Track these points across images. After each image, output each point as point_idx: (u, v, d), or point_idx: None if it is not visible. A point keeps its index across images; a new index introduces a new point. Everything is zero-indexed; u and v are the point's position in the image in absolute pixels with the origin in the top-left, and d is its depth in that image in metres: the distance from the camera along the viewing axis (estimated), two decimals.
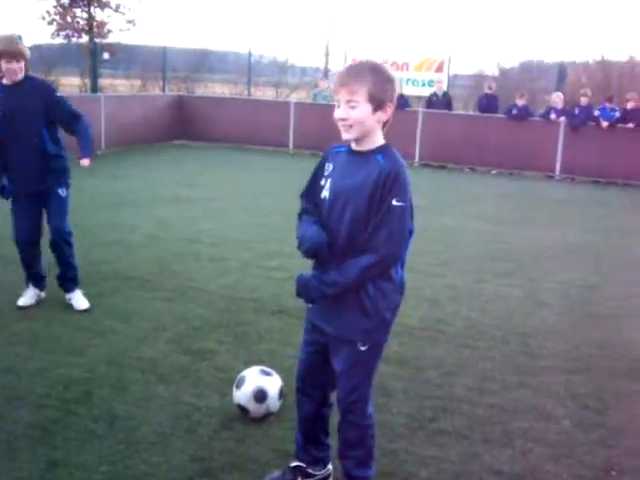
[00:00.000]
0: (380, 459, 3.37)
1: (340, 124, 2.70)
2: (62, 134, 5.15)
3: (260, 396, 3.62)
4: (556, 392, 4.23)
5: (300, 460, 3.13)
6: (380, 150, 2.72)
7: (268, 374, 3.73)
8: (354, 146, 2.77)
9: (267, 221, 8.56)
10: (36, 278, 5.37)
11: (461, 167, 14.85)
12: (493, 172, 14.65)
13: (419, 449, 3.50)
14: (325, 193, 2.79)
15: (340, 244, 2.74)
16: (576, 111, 13.97)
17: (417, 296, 5.89)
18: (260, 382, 3.66)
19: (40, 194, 5.10)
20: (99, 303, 5.37)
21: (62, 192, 5.13)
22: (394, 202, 2.63)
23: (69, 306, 5.28)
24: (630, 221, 10.17)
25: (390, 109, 2.70)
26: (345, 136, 2.72)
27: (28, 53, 4.97)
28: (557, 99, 14.35)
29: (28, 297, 5.32)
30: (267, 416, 3.67)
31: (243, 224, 8.38)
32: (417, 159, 14.96)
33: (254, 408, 3.64)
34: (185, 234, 7.64)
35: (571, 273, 6.93)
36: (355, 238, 2.70)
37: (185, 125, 16.45)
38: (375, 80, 2.63)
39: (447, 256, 7.34)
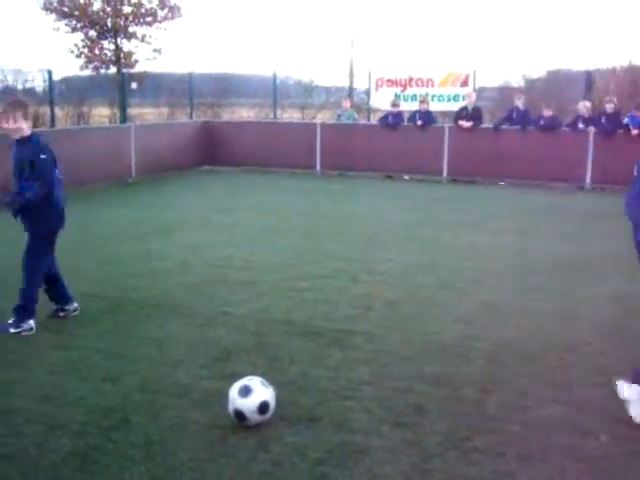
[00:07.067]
0: (414, 478, 3.38)
1: None
2: None
3: (264, 408, 3.88)
4: (592, 407, 4.19)
5: None
6: None
7: (267, 386, 3.98)
8: None
9: (296, 243, 8.62)
10: None
11: (489, 181, 14.75)
12: (522, 185, 14.51)
13: (453, 468, 3.48)
14: None
15: None
16: (602, 119, 13.85)
17: (450, 314, 5.89)
18: (265, 395, 3.90)
19: None
20: (133, 330, 5.47)
21: None
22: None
23: (102, 334, 5.38)
24: None
25: None
26: None
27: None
28: (583, 108, 14.20)
29: None
30: (258, 425, 3.88)
31: (272, 247, 8.42)
32: (445, 174, 14.93)
33: (256, 419, 3.87)
34: (214, 259, 7.71)
35: (602, 285, 6.85)
36: None
37: (212, 150, 16.63)
38: None
39: (478, 273, 7.31)
